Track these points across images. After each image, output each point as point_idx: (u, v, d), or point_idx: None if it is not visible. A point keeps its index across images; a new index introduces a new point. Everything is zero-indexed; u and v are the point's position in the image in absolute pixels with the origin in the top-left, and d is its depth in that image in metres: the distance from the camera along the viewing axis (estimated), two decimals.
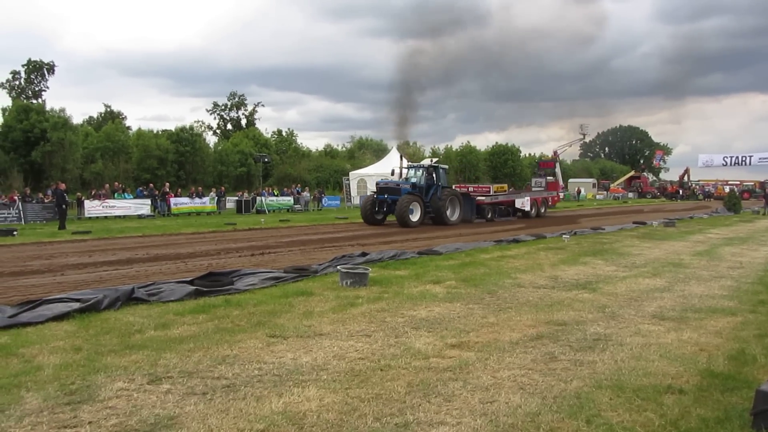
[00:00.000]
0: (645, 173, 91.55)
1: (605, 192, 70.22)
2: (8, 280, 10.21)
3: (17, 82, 56.93)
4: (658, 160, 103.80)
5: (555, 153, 74.67)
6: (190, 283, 9.12)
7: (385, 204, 24.39)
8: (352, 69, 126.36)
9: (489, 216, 27.76)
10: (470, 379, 5.14)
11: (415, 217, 23.51)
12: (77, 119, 52.42)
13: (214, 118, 72.61)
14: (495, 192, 29.08)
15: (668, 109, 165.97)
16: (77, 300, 7.68)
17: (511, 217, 29.47)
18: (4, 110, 46.15)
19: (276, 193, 39.41)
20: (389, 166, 38.39)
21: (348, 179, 42.06)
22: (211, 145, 59.25)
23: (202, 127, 64.83)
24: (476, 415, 4.38)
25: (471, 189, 29.12)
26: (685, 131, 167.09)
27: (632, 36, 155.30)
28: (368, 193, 29.69)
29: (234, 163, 53.26)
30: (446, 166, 28.31)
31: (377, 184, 25.86)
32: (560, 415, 4.39)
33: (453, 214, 25.25)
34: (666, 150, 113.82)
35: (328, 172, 57.97)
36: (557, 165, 73.05)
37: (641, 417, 4.37)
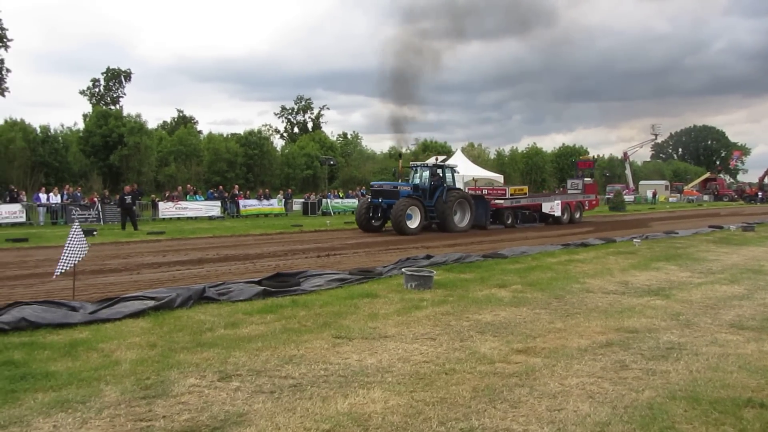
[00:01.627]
0: (721, 175, 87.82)
1: (678, 194, 67.60)
2: (89, 277, 10.71)
3: (97, 89, 59.73)
4: (735, 160, 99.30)
5: (625, 154, 72.77)
6: (258, 283, 9.34)
7: (380, 209, 21.85)
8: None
9: (509, 221, 25.07)
10: (537, 386, 5.05)
11: (413, 223, 21.08)
12: (152, 124, 54.51)
13: (282, 122, 74.14)
14: (513, 194, 26.06)
15: (747, 108, 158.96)
16: (152, 298, 8.00)
17: (537, 223, 26.65)
18: (85, 116, 48.57)
19: (341, 195, 39.83)
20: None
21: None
22: (279, 148, 60.50)
23: (270, 131, 66.26)
24: (543, 422, 4.30)
25: (485, 191, 26.32)
26: (765, 130, 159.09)
27: (707, 31, 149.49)
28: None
29: (300, 166, 54.17)
30: (455, 165, 25.64)
31: (371, 186, 23.70)
32: (631, 425, 4.26)
33: (462, 220, 22.57)
34: (744, 150, 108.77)
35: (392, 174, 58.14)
36: (627, 166, 71.20)
37: (719, 431, 4.19)
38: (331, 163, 46.41)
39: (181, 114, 65.81)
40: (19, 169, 39.30)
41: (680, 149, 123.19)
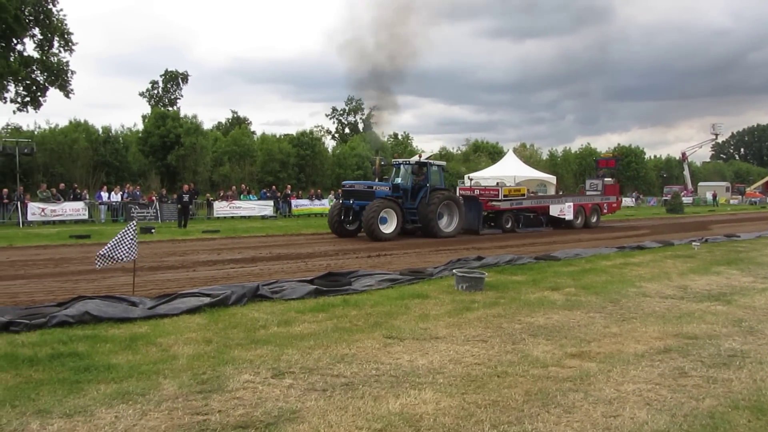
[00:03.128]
0: None
1: (740, 196, 65.16)
2: (147, 274, 11.03)
3: (155, 91, 61.55)
4: None
5: (683, 155, 70.64)
6: (311, 282, 9.45)
7: (351, 211, 19.64)
8: (468, 71, 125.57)
9: (508, 225, 22.86)
10: (592, 391, 4.95)
11: (389, 227, 18.84)
12: (207, 125, 55.79)
13: (333, 123, 74.73)
14: (508, 195, 23.31)
15: None
16: (208, 295, 8.19)
17: (543, 227, 24.36)
18: (144, 117, 50.11)
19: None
20: (505, 169, 37.74)
21: (463, 182, 41.83)
22: (330, 148, 61.05)
23: (322, 132, 66.93)
24: (598, 429, 4.21)
25: (477, 192, 23.62)
26: None
27: None
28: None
29: (351, 166, 54.51)
30: (443, 163, 22.74)
31: (342, 186, 21.33)
32: None
33: (450, 224, 20.52)
34: None
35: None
36: (686, 167, 69.07)
37: None
38: (383, 163, 46.59)
39: (235, 115, 67.25)
40: (82, 168, 40.81)
41: (742, 149, 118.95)
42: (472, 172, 44.00)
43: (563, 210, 24.49)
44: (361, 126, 72.52)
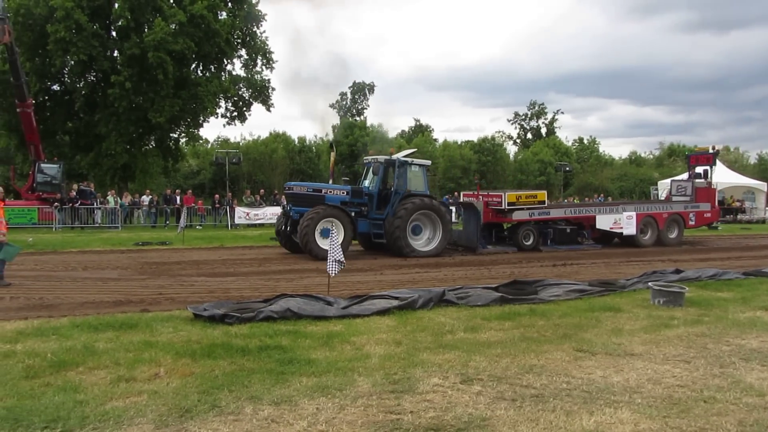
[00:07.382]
0: None
1: None
2: (339, 275, 11.57)
3: (344, 103, 65.07)
4: None
5: None
6: (495, 289, 9.38)
7: (290, 220, 15.73)
8: (661, 68, 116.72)
9: (529, 242, 17.75)
10: None
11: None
12: (391, 133, 57.87)
13: (515, 128, 73.65)
14: (517, 202, 17.82)
15: None
16: (396, 298, 8.47)
17: (586, 244, 19.27)
18: (334, 127, 53.24)
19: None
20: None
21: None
22: (512, 154, 60.37)
23: (503, 137, 66.33)
24: None
25: (482, 198, 18.04)
26: None
27: None
28: None
29: (534, 172, 53.48)
30: (427, 162, 17.96)
31: (284, 188, 17.39)
32: None
33: (432, 240, 16.17)
34: None
35: (632, 181, 54.66)
36: None
37: None
38: (567, 169, 45.16)
39: (418, 123, 68.86)
40: (280, 175, 44.43)
41: None
42: (667, 178, 40.92)
43: (618, 222, 18.92)
44: (543, 131, 70.72)
